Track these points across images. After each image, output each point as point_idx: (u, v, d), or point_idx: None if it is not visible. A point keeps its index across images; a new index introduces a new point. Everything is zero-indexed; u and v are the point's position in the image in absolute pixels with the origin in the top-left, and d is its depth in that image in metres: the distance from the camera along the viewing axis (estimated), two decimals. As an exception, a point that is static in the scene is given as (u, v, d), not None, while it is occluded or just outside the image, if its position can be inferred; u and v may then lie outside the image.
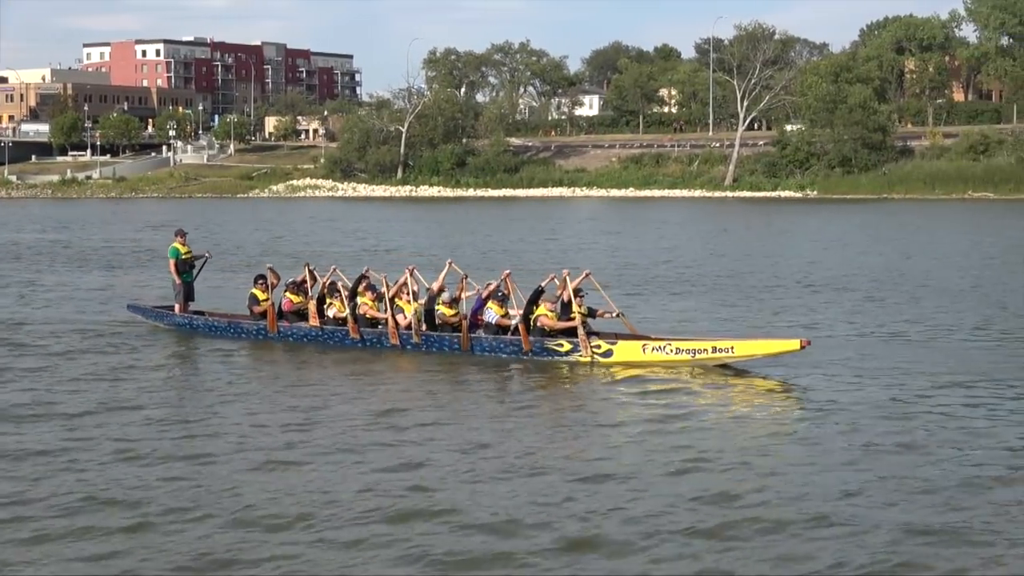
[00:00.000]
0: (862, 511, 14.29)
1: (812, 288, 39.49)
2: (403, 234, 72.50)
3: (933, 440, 17.82)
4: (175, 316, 29.96)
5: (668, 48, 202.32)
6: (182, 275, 29.96)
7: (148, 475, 16.16)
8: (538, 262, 48.23)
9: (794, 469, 16.36)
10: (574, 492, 15.20)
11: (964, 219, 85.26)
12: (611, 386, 22.85)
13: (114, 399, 21.30)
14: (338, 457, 17.08)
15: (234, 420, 19.74)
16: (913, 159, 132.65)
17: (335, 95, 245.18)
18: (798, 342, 23.07)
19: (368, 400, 21.38)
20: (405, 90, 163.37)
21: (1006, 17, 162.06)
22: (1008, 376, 22.80)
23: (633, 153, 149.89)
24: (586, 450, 17.67)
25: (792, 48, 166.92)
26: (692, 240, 65.73)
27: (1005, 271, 45.85)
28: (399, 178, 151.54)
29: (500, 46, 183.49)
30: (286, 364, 25.72)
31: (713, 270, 46.43)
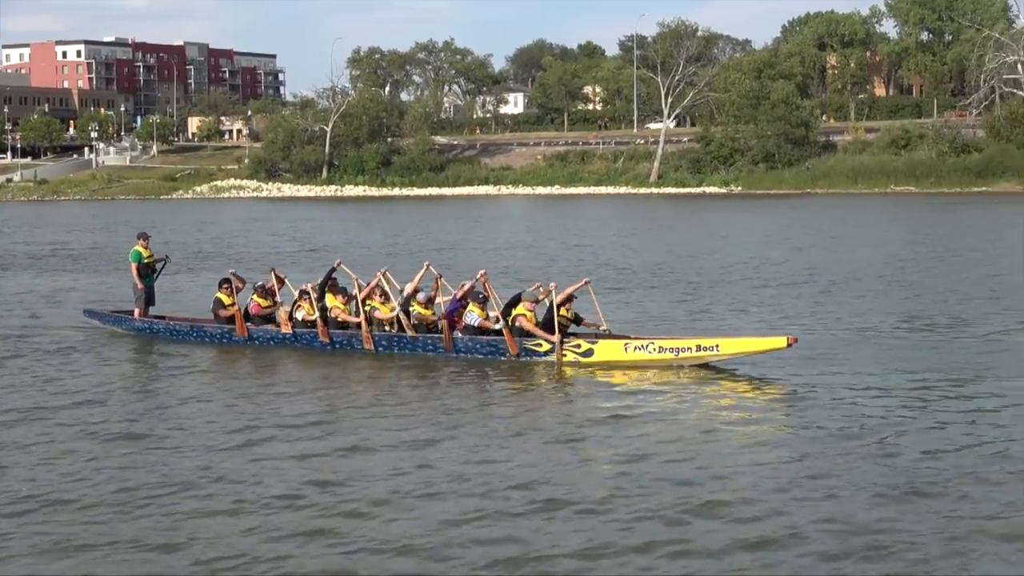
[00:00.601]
0: (847, 513, 14.02)
1: (767, 283, 39.55)
2: (330, 233, 72.14)
3: (933, 444, 17.37)
4: (135, 321, 29.20)
5: (592, 46, 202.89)
6: (144, 279, 29.34)
7: (103, 479, 15.91)
8: (479, 260, 48.08)
9: (782, 473, 15.93)
10: (545, 498, 14.83)
11: (892, 213, 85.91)
12: (591, 386, 22.43)
13: (69, 405, 20.83)
14: (305, 465, 16.70)
15: (196, 425, 19.27)
16: (836, 154, 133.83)
17: (258, 95, 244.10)
18: (785, 339, 22.71)
19: (335, 404, 21.00)
20: (329, 90, 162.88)
21: (925, 13, 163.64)
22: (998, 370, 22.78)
23: (558, 151, 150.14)
24: (560, 454, 17.24)
25: (715, 45, 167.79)
26: (631, 237, 65.60)
27: (960, 265, 46.21)
28: (324, 178, 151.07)
29: (424, 45, 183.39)
30: (253, 368, 25.15)
31: (665, 268, 46.11)
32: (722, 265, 46.66)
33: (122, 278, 44.36)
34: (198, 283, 40.94)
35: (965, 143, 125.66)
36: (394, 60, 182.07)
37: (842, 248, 54.57)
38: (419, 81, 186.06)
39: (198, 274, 44.49)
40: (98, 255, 56.97)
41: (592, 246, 58.27)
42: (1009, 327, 28.54)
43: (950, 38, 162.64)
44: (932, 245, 56.04)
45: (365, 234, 70.78)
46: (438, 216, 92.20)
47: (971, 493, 14.73)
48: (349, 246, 60.07)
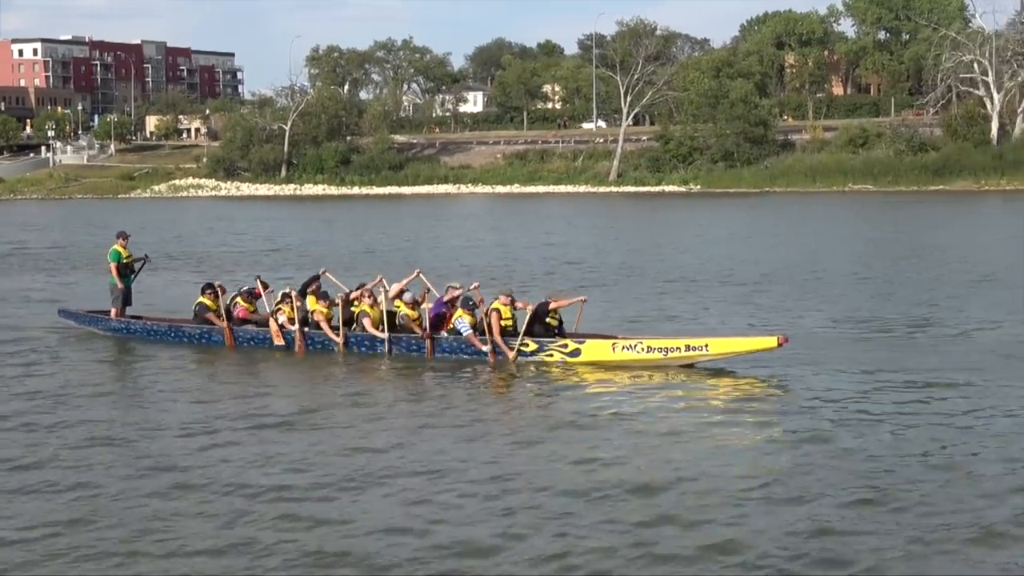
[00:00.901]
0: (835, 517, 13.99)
1: (728, 281, 39.82)
2: (292, 232, 71.99)
3: (930, 444, 17.38)
4: (111, 321, 28.94)
5: (551, 44, 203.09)
6: (123, 279, 29.18)
7: (74, 481, 15.81)
8: (447, 260, 48.22)
9: (774, 479, 15.73)
10: (531, 502, 14.74)
11: (851, 211, 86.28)
12: (578, 387, 22.28)
13: (43, 406, 20.76)
14: (289, 467, 16.62)
15: (173, 426, 19.19)
16: (794, 152, 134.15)
17: (217, 94, 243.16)
18: (775, 339, 22.66)
19: (312, 404, 20.94)
20: (288, 88, 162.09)
21: (883, 12, 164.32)
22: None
23: (518, 149, 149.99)
24: (545, 456, 17.10)
25: (674, 44, 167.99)
26: (596, 236, 65.66)
27: (925, 262, 46.44)
28: (283, 177, 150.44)
29: (383, 43, 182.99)
30: (234, 369, 24.98)
31: (631, 266, 46.19)
32: (692, 263, 46.94)
33: (85, 277, 44.33)
34: (161, 282, 40.72)
35: (922, 142, 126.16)
36: (353, 59, 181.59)
37: (806, 246, 54.80)
38: (378, 80, 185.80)
39: (160, 274, 44.25)
40: (59, 255, 56.71)
41: (557, 245, 58.30)
42: (973, 325, 28.74)
43: (907, 37, 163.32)
44: (895, 243, 56.43)
45: (328, 233, 70.83)
46: (400, 215, 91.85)
47: (938, 496, 14.78)
48: (312, 246, 60.13)
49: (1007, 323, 28.91)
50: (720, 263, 46.43)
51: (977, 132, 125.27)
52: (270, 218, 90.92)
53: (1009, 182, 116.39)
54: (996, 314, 30.35)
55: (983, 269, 42.35)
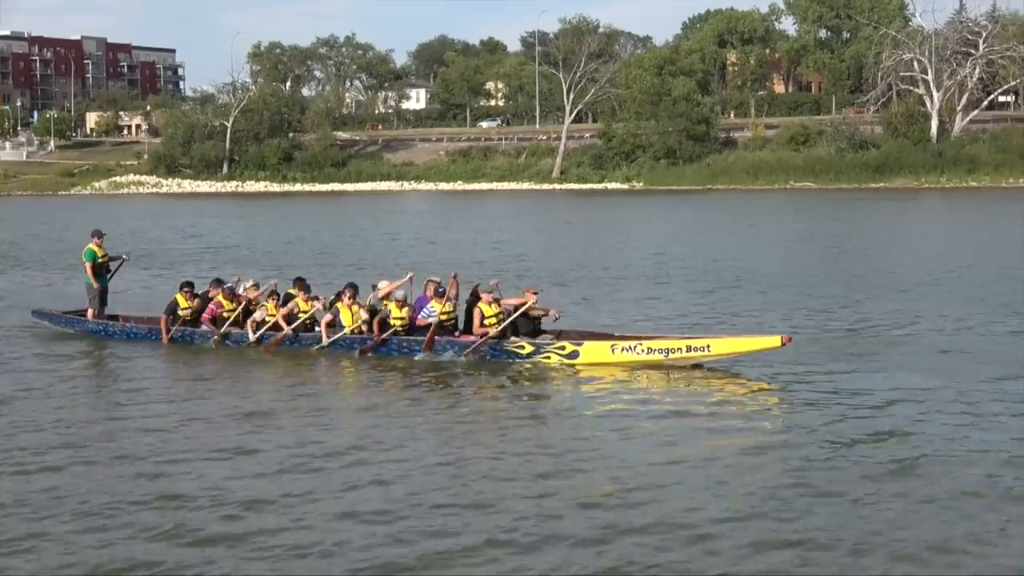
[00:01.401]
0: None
1: (668, 279, 39.67)
2: (239, 229, 71.53)
3: (942, 450, 16.90)
4: (88, 322, 28.13)
5: (494, 42, 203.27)
6: (98, 278, 28.37)
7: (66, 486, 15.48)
8: (400, 257, 48.08)
9: (778, 484, 15.21)
10: (522, 512, 14.22)
11: (793, 208, 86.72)
12: (576, 390, 21.59)
13: (24, 410, 20.16)
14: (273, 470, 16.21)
15: (153, 428, 18.71)
16: (736, 150, 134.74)
17: (158, 90, 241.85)
18: (779, 339, 22.14)
19: (298, 405, 20.51)
20: (229, 84, 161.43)
21: (823, 10, 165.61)
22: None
23: (461, 146, 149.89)
24: (541, 463, 16.42)
25: (616, 41, 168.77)
26: (544, 234, 65.59)
27: (868, 259, 46.68)
28: (225, 174, 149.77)
29: (325, 40, 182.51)
30: (217, 370, 24.20)
31: (581, 263, 46.00)
32: (640, 261, 46.87)
33: (34, 276, 43.80)
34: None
35: (863, 139, 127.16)
36: (295, 55, 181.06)
37: (752, 243, 55.01)
38: (320, 76, 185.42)
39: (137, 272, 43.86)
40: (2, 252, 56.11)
41: (505, 242, 58.21)
42: (904, 321, 28.90)
43: (848, 36, 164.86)
44: (840, 239, 56.65)
45: (276, 231, 70.16)
46: (346, 213, 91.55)
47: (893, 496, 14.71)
48: (256, 242, 59.79)
49: (947, 321, 29.11)
50: (669, 261, 46.36)
51: (917, 130, 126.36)
52: (216, 216, 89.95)
53: (948, 180, 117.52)
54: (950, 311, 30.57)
55: (917, 267, 42.66)
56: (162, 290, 34.43)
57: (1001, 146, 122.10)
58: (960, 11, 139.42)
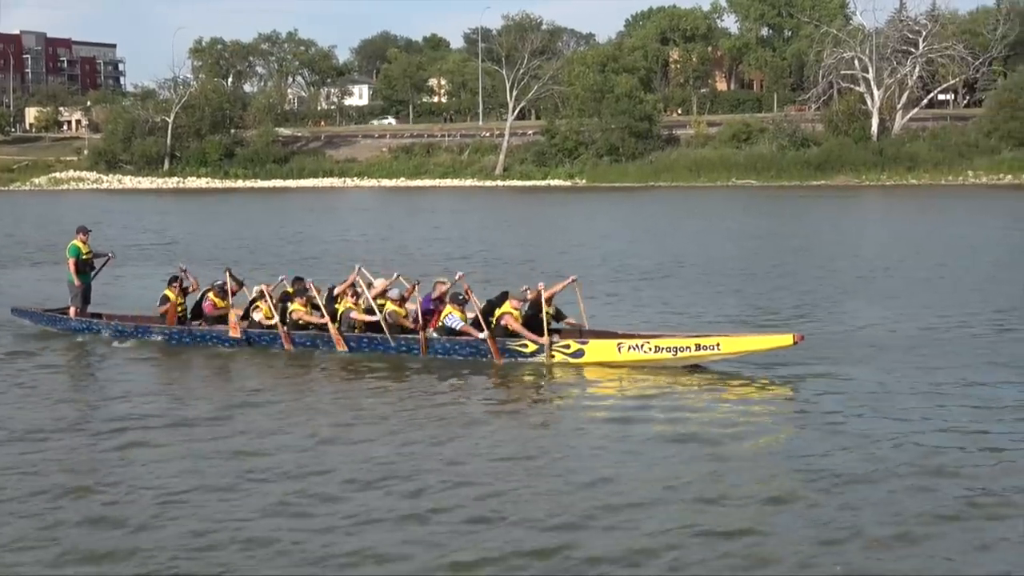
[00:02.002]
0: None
1: (623, 276, 39.71)
2: (185, 225, 71.13)
3: (964, 450, 16.73)
4: (71, 320, 27.64)
5: (437, 38, 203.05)
6: (80, 275, 27.93)
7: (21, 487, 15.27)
8: (350, 254, 47.97)
9: (791, 488, 15.00)
10: (526, 515, 14.07)
11: (736, 205, 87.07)
12: (582, 390, 21.27)
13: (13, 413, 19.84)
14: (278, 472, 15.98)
15: (138, 430, 18.41)
16: (678, 147, 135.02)
17: (98, 85, 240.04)
18: (791, 337, 21.83)
19: (294, 406, 20.26)
20: (170, 80, 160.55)
21: (765, 9, 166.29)
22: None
23: (404, 143, 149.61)
24: (547, 466, 16.25)
25: (559, 38, 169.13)
26: (490, 230, 65.43)
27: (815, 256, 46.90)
28: (166, 170, 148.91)
29: (267, 35, 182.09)
30: (204, 371, 23.99)
31: (529, 259, 46.13)
32: (589, 257, 46.95)
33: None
34: (33, 276, 39.99)
35: (804, 137, 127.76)
36: (237, 51, 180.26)
37: (698, 240, 55.23)
38: (262, 72, 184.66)
39: (42, 268, 43.47)
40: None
41: (452, 239, 58.15)
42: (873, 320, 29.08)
43: (790, 34, 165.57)
44: (777, 236, 57.00)
45: (222, 227, 69.80)
46: (292, 209, 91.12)
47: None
48: (210, 239, 59.47)
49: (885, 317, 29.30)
50: (622, 258, 46.44)
51: (858, 128, 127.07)
52: (164, 211, 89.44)
53: (889, 177, 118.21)
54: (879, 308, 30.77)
55: (856, 264, 42.97)
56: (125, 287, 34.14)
57: (940, 144, 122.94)
58: (900, 10, 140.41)
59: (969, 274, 38.69)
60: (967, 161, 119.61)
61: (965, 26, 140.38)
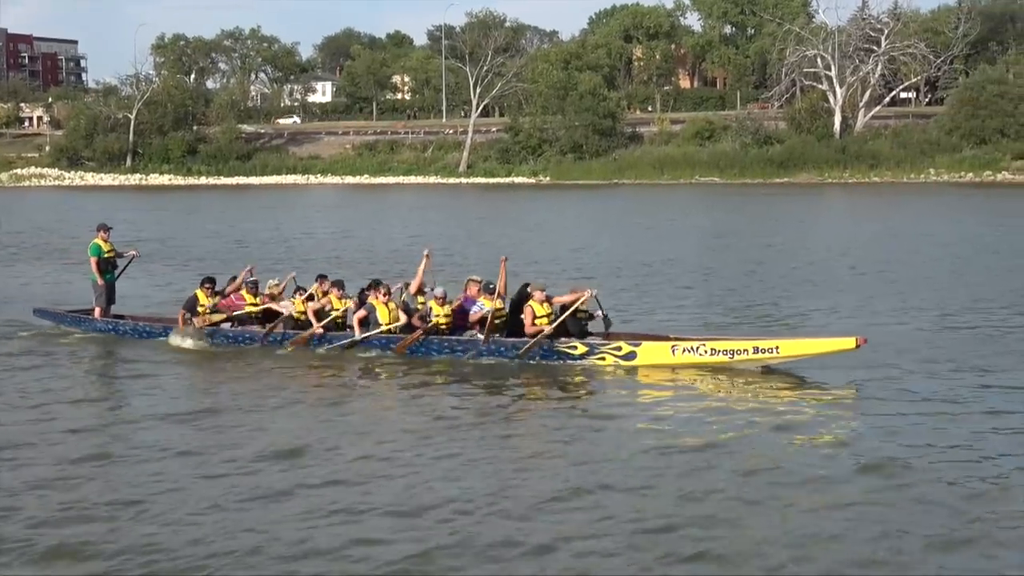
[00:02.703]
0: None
1: (588, 274, 39.65)
2: (150, 223, 70.55)
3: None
4: (96, 321, 27.06)
5: (400, 35, 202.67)
6: (104, 275, 27.36)
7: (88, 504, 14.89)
8: (322, 251, 47.82)
9: (859, 500, 14.61)
10: (568, 520, 13.82)
11: (701, 202, 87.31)
12: (634, 393, 20.73)
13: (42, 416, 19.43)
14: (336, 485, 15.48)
15: (172, 433, 18.10)
16: (642, 145, 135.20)
17: (60, 82, 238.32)
18: (853, 340, 21.13)
19: (341, 410, 19.81)
20: (133, 77, 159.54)
21: (728, 6, 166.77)
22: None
23: (367, 140, 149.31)
24: (599, 473, 15.69)
25: (523, 36, 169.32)
26: (461, 228, 65.48)
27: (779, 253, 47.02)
28: (128, 166, 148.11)
29: (230, 32, 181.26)
30: (229, 372, 23.26)
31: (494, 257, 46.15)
32: (564, 254, 47.06)
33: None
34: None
35: (767, 135, 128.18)
36: (199, 47, 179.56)
37: (665, 238, 55.41)
38: (225, 69, 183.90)
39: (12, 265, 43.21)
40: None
41: (422, 236, 57.97)
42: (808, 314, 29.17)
43: (752, 32, 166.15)
44: (740, 234, 57.21)
45: (189, 224, 69.41)
46: (259, 206, 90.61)
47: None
48: (176, 237, 59.14)
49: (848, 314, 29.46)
50: (593, 256, 46.69)
51: (820, 126, 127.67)
52: (135, 208, 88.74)
53: (851, 175, 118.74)
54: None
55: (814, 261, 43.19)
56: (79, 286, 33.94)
57: (902, 142, 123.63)
58: (862, 8, 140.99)
59: (967, 269, 39.22)
60: (929, 159, 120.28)
61: (927, 24, 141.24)
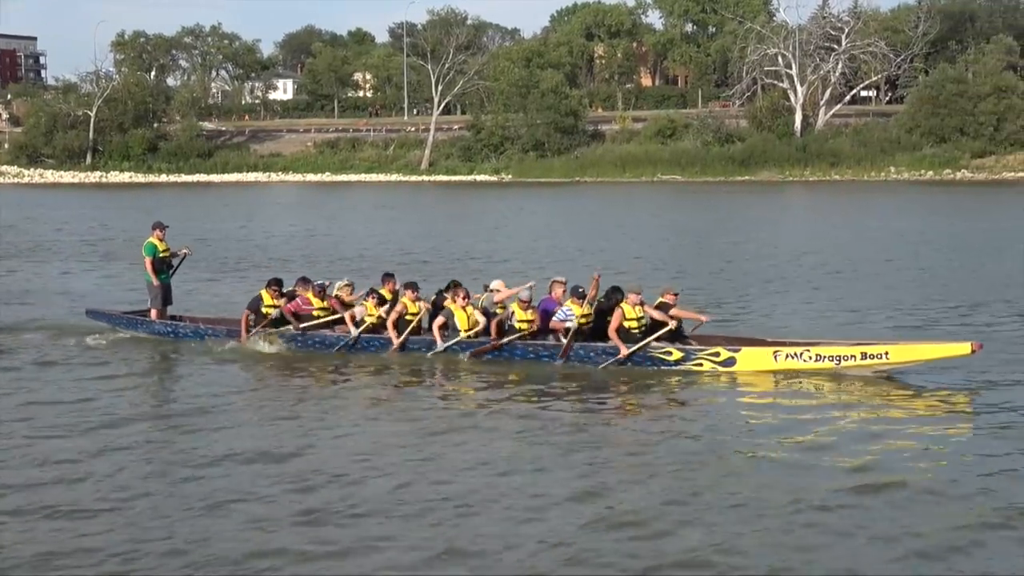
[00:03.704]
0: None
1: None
2: (118, 220, 70.22)
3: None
4: (154, 323, 26.34)
5: (362, 32, 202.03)
6: (159, 275, 26.61)
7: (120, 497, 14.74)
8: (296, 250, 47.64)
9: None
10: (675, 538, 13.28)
11: (663, 200, 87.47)
12: (734, 402, 19.89)
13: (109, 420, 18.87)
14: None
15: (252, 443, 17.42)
16: (604, 143, 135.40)
17: (19, 79, 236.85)
18: (968, 345, 20.34)
19: (428, 414, 19.21)
20: (93, 74, 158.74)
21: (690, 4, 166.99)
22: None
23: (329, 138, 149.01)
24: (699, 489, 14.96)
25: (484, 33, 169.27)
26: (433, 227, 65.42)
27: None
28: (88, 164, 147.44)
29: (190, 29, 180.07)
30: (305, 378, 22.42)
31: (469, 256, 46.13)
32: (533, 251, 47.09)
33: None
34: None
35: (728, 133, 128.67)
36: (160, 44, 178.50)
37: (626, 236, 55.51)
38: (186, 66, 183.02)
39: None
40: None
41: (393, 234, 57.94)
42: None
43: (714, 30, 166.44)
44: (699, 232, 57.36)
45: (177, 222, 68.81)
46: (227, 203, 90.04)
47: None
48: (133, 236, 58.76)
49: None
50: (569, 253, 46.71)
51: (781, 124, 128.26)
52: (92, 207, 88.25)
53: (812, 173, 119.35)
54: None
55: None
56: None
57: (863, 140, 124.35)
58: (823, 7, 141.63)
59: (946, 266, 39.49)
60: (889, 157, 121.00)
61: (887, 23, 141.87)
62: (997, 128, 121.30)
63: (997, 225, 59.16)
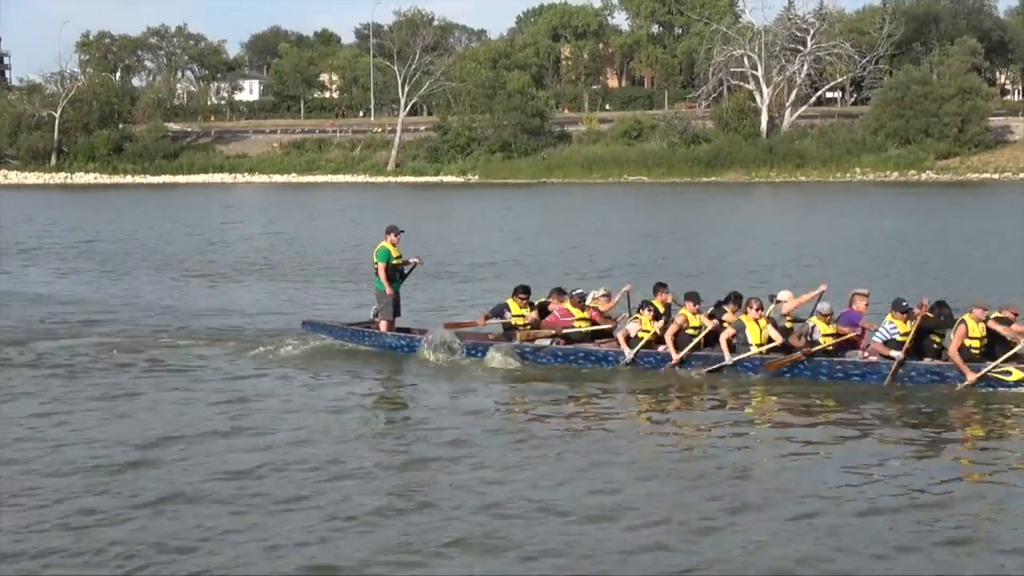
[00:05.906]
0: None
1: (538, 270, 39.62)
2: (112, 221, 69.72)
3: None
4: (385, 336, 24.19)
5: (328, 33, 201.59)
6: (391, 282, 24.47)
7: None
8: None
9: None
10: None
11: (633, 201, 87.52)
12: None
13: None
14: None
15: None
16: (571, 144, 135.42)
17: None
18: None
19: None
20: (57, 74, 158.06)
21: (656, 6, 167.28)
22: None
23: (295, 139, 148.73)
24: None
25: (451, 34, 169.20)
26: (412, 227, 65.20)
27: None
28: (53, 165, 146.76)
29: (156, 29, 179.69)
30: (570, 393, 20.65)
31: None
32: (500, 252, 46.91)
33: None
34: None
35: (695, 134, 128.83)
36: (125, 44, 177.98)
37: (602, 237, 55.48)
38: (151, 67, 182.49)
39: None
40: None
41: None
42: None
43: (680, 31, 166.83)
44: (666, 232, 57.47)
45: (154, 224, 68.48)
46: (201, 205, 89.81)
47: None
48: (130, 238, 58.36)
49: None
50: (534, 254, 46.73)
51: (747, 125, 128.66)
52: (51, 206, 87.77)
53: (778, 174, 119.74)
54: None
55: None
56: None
57: (828, 141, 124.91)
58: (789, 8, 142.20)
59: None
60: (854, 158, 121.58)
61: (852, 25, 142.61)
62: (961, 129, 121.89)
63: (961, 224, 59.49)
